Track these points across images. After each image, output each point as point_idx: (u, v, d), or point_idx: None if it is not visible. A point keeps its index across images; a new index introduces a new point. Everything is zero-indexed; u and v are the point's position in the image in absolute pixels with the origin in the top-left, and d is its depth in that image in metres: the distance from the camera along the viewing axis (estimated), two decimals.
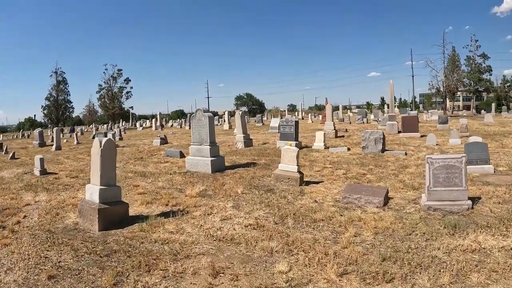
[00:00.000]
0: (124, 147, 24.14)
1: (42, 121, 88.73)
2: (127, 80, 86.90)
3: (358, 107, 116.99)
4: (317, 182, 10.39)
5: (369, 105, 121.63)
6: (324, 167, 12.78)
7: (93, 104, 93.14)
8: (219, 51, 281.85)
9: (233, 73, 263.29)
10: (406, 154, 15.14)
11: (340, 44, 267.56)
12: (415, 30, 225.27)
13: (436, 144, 17.65)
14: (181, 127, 49.01)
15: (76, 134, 36.42)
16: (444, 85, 58.14)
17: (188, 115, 12.06)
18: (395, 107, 67.41)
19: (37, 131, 32.20)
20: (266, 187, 9.88)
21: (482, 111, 62.97)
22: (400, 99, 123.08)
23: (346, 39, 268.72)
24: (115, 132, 31.40)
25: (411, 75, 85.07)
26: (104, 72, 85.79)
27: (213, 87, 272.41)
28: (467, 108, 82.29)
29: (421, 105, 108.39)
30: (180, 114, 48.45)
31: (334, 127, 24.66)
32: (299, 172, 10.01)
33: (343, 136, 23.58)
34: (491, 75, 72.16)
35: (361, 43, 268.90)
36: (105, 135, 25.05)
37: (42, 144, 30.19)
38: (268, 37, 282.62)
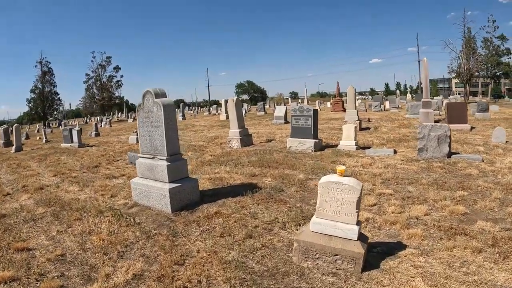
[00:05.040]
0: (93, 146, 19.88)
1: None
2: (117, 69, 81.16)
3: (360, 93, 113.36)
4: (391, 248, 4.78)
5: (373, 92, 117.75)
6: (379, 192, 7.24)
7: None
8: (220, 39, 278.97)
9: (235, 61, 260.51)
10: (483, 160, 9.84)
11: (341, 30, 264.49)
12: (416, 17, 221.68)
13: (506, 142, 12.52)
14: None
15: (45, 131, 31.16)
16: (465, 68, 52.94)
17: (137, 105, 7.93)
18: (409, 93, 62.19)
19: (2, 128, 27.15)
20: (284, 284, 4.20)
21: (506, 97, 58.23)
22: (405, 85, 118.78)
23: (348, 26, 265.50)
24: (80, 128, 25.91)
25: (417, 60, 79.42)
26: (92, 61, 79.98)
27: (215, 76, 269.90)
28: (473, 94, 77.28)
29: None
30: (181, 105, 44.47)
31: (358, 116, 19.27)
32: (360, 240, 4.25)
33: (368, 128, 18.41)
34: (510, 58, 66.35)
35: (362, 30, 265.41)
36: (70, 132, 20.73)
37: (8, 143, 25.62)
38: (270, 24, 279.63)
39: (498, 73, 65.93)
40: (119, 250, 5.20)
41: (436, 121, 17.99)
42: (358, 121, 18.43)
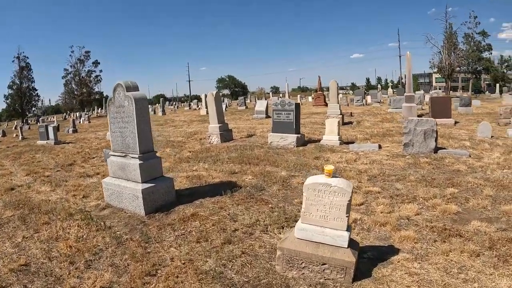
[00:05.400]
0: (69, 143, 18.97)
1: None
2: (96, 63, 79.73)
3: (341, 88, 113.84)
4: (382, 253, 4.44)
5: (354, 87, 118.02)
6: (366, 190, 6.91)
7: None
8: (201, 33, 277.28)
9: (216, 56, 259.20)
10: (470, 156, 9.58)
11: (322, 25, 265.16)
12: (397, 12, 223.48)
13: (492, 137, 12.37)
14: (154, 113, 43.45)
15: (21, 128, 30.14)
16: (447, 63, 53.35)
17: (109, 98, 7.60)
18: (390, 87, 62.31)
19: None
20: None
21: (486, 92, 58.69)
22: (386, 80, 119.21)
23: (329, 21, 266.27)
24: (57, 124, 25.12)
25: (398, 55, 79.99)
26: (70, 55, 78.36)
27: (196, 70, 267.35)
28: (454, 89, 78.26)
29: (406, 87, 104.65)
30: (161, 99, 43.51)
31: (341, 111, 18.93)
32: (351, 247, 3.84)
33: (351, 123, 18.05)
34: (491, 53, 67.05)
35: (343, 25, 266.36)
36: (46, 129, 20.03)
37: None
38: (250, 19, 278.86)
39: (478, 68, 66.48)
40: (87, 259, 4.72)
41: (419, 116, 17.78)
42: (341, 116, 18.07)
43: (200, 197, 6.81)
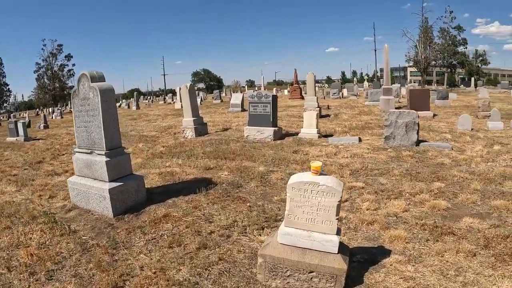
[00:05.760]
0: (40, 139, 18.09)
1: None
2: (69, 57, 77.83)
3: (317, 82, 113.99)
4: (373, 255, 4.10)
5: (329, 80, 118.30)
6: (349, 186, 6.58)
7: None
8: (176, 27, 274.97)
9: (191, 50, 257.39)
10: (452, 148, 9.44)
11: (298, 19, 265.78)
12: (372, 6, 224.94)
13: (472, 129, 12.37)
14: (129, 107, 42.65)
15: None
16: (422, 57, 53.93)
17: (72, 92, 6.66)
18: (366, 80, 62.53)
19: None
20: None
21: (461, 85, 59.44)
22: (361, 73, 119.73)
23: (304, 15, 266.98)
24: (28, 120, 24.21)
25: (374, 49, 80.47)
26: (42, 49, 76.31)
27: (171, 64, 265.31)
28: (428, 83, 79.09)
29: (381, 80, 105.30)
30: (136, 94, 42.69)
31: (318, 104, 18.63)
32: (341, 252, 3.45)
33: (328, 116, 17.76)
34: (466, 48, 67.77)
35: (319, 19, 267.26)
36: (16, 124, 19.28)
37: None
38: (226, 12, 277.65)
39: (454, 62, 67.15)
40: (48, 269, 4.21)
41: (396, 108, 17.65)
42: (318, 108, 17.79)
43: (173, 196, 6.33)
